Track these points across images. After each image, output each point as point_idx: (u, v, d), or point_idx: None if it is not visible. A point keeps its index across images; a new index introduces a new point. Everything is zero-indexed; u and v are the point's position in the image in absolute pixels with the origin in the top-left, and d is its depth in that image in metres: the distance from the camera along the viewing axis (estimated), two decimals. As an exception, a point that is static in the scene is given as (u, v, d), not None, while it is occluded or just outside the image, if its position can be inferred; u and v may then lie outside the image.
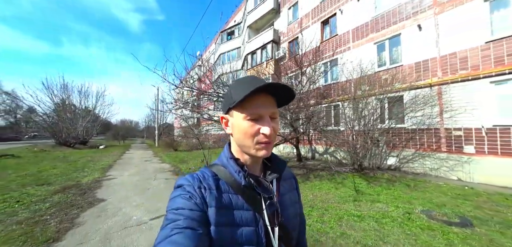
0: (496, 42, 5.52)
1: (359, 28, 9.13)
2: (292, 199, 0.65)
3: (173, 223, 0.44)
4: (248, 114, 0.51)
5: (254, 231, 0.51)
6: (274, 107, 0.54)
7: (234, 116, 0.55)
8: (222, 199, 0.51)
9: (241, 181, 0.53)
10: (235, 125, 0.55)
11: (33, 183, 5.30)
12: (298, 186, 0.73)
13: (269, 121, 0.52)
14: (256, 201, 0.53)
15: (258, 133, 0.52)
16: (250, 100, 0.51)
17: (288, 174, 0.70)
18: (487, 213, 3.56)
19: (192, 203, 0.47)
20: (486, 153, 5.62)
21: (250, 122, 0.52)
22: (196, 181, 0.52)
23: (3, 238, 2.50)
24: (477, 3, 5.85)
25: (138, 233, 2.72)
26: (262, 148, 0.53)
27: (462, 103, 6.06)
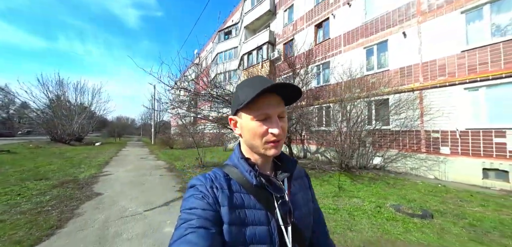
0: (470, 52, 5.96)
1: (350, 32, 9.50)
2: (305, 198, 0.65)
3: (187, 223, 0.45)
4: (256, 115, 0.52)
5: (267, 230, 0.51)
6: (281, 106, 0.55)
7: (242, 118, 0.56)
8: (234, 199, 0.52)
9: (253, 181, 0.54)
10: (244, 126, 0.56)
11: (32, 178, 5.52)
12: (311, 184, 0.72)
13: (278, 121, 0.53)
14: (268, 201, 0.54)
15: (267, 132, 0.53)
16: (258, 101, 0.51)
17: (300, 172, 0.70)
18: (450, 207, 3.96)
19: (204, 203, 0.48)
20: (459, 154, 6.07)
21: (258, 123, 0.53)
22: (208, 181, 0.53)
23: (10, 225, 2.77)
24: (455, 14, 6.27)
25: (133, 222, 3.02)
26: (271, 147, 0.53)
27: (440, 108, 6.50)
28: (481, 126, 5.73)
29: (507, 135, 5.31)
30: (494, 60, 5.55)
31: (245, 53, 16.45)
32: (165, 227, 2.89)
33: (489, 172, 5.58)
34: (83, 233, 2.67)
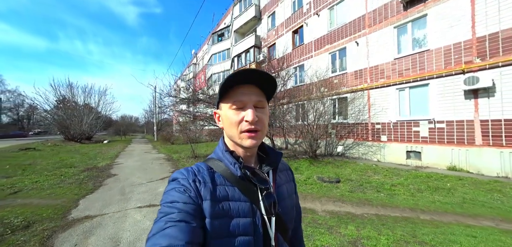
0: (399, 59, 7.50)
1: (319, 39, 11.01)
2: (289, 191, 0.65)
3: (167, 216, 0.44)
4: (232, 103, 0.53)
5: (251, 222, 0.51)
6: (258, 96, 0.55)
7: (222, 108, 0.57)
8: (217, 192, 0.51)
9: (237, 172, 0.53)
10: (223, 116, 0.57)
11: (63, 167, 7.38)
12: (294, 178, 0.73)
13: (253, 108, 0.53)
14: (252, 192, 0.53)
15: (242, 120, 0.53)
16: (234, 90, 0.53)
17: (284, 166, 0.70)
18: (361, 177, 5.60)
19: (186, 196, 0.47)
20: (392, 140, 7.71)
21: (233, 111, 0.53)
22: (191, 174, 0.52)
23: (67, 188, 4.59)
24: (390, 29, 7.77)
25: (139, 187, 4.81)
26: (247, 137, 0.53)
27: (380, 104, 8.09)
28: (405, 118, 7.34)
29: (420, 124, 6.91)
30: (413, 67, 7.09)
31: (235, 56, 18.02)
32: (158, 189, 4.68)
33: (410, 153, 7.23)
34: (110, 192, 4.47)
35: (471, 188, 4.40)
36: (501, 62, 5.30)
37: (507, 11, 5.22)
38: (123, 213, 3.28)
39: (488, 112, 5.54)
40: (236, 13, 18.18)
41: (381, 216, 3.26)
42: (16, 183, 5.06)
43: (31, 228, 2.72)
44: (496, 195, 4.00)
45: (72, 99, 21.91)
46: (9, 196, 4.10)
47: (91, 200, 3.92)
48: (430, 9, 6.72)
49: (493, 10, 5.44)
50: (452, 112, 6.21)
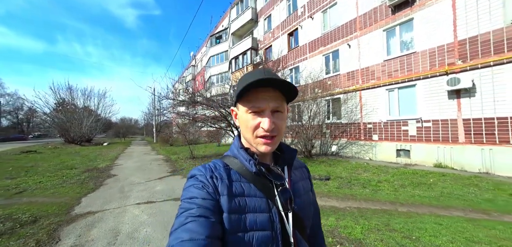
0: (389, 61, 7.79)
1: (313, 42, 11.30)
2: (305, 188, 0.65)
3: (187, 212, 0.45)
4: (249, 107, 0.53)
5: (268, 218, 0.51)
6: (277, 101, 0.53)
7: (239, 109, 0.56)
8: (234, 188, 0.52)
9: (252, 169, 0.54)
10: (240, 117, 0.57)
11: (65, 168, 7.62)
12: (310, 175, 0.73)
13: (270, 115, 0.52)
14: (268, 188, 0.54)
15: (258, 126, 0.52)
16: (252, 93, 0.52)
17: (299, 163, 0.71)
18: (351, 175, 5.87)
19: (204, 192, 0.49)
20: (383, 139, 7.98)
21: (250, 115, 0.53)
22: (208, 171, 0.54)
23: (70, 187, 4.84)
24: (380, 32, 8.06)
25: (138, 186, 5.06)
26: (262, 143, 0.53)
27: (371, 104, 8.36)
28: (395, 118, 7.61)
29: (409, 123, 7.19)
30: (402, 68, 7.38)
31: (233, 58, 18.31)
32: (156, 187, 4.93)
33: (400, 151, 7.50)
34: (111, 190, 4.72)
35: (451, 183, 4.67)
36: (480, 64, 5.59)
37: (484, 16, 5.51)
38: (123, 209, 3.54)
39: (470, 111, 5.82)
40: (233, 16, 18.49)
41: (362, 209, 3.52)
42: (20, 183, 5.30)
43: (38, 222, 2.98)
44: (472, 189, 4.27)
45: (71, 102, 22.17)
46: (15, 195, 4.35)
47: (93, 198, 4.17)
48: (416, 13, 7.01)
49: (472, 15, 5.73)
50: (437, 111, 6.49)
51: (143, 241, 2.46)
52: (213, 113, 10.02)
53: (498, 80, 5.34)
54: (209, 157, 9.99)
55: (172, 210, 3.48)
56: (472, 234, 2.45)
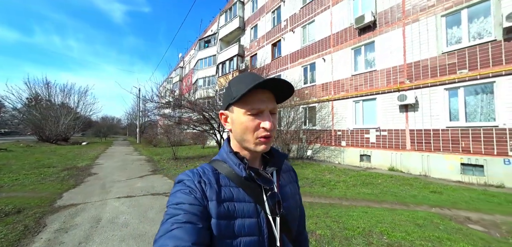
0: (355, 76, 8.85)
1: (294, 53, 12.23)
2: (292, 191, 0.66)
3: (173, 218, 0.45)
4: (248, 109, 0.53)
5: (256, 223, 0.51)
6: (273, 102, 0.55)
7: (235, 112, 0.56)
8: (223, 193, 0.52)
9: (242, 173, 0.54)
10: (235, 120, 0.56)
11: (41, 167, 7.57)
12: (297, 179, 0.74)
13: (269, 116, 0.54)
14: (257, 193, 0.54)
15: (258, 127, 0.53)
16: (251, 95, 0.52)
17: (287, 167, 0.71)
18: (317, 176, 6.65)
19: (192, 198, 0.48)
20: (350, 145, 8.97)
21: (250, 117, 0.53)
22: (196, 176, 0.54)
23: (49, 184, 5.03)
24: (348, 50, 9.13)
25: (118, 183, 5.37)
26: (261, 142, 0.54)
27: (341, 113, 9.37)
28: (359, 127, 8.64)
29: (370, 132, 8.23)
30: (365, 83, 8.46)
31: (220, 63, 18.82)
32: (137, 184, 5.30)
33: (363, 156, 8.51)
34: (92, 187, 5.01)
35: (392, 183, 5.61)
36: (421, 84, 6.74)
37: (424, 45, 6.69)
38: (104, 201, 3.92)
39: (414, 123, 6.93)
40: (222, 23, 19.08)
41: (314, 203, 4.24)
42: (-4, 180, 5.35)
43: (23, 213, 3.28)
44: (406, 187, 5.21)
45: (46, 99, 21.08)
46: (-8, 191, 4.48)
47: (74, 193, 4.46)
48: (376, 37, 8.14)
49: (416, 43, 6.90)
50: (391, 122, 7.58)
51: (122, 225, 2.92)
52: (197, 117, 10.43)
53: (433, 98, 6.50)
54: (192, 158, 10.34)
55: (150, 203, 3.93)
56: (383, 218, 3.24)
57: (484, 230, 3.05)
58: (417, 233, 2.76)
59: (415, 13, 7.01)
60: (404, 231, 2.81)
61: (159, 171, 7.30)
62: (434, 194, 4.77)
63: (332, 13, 9.93)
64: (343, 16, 9.42)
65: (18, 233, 2.63)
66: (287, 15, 12.75)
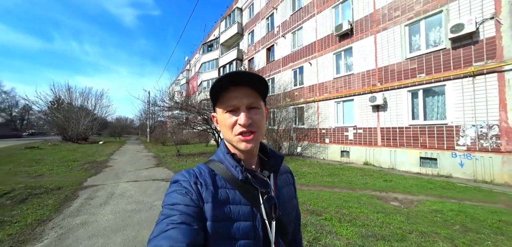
0: (336, 79, 9.67)
1: (285, 57, 13.17)
2: (289, 194, 0.65)
3: (169, 219, 0.44)
4: (225, 107, 0.53)
5: (251, 226, 0.51)
6: (250, 98, 0.54)
7: (218, 112, 0.57)
8: (219, 195, 0.51)
9: (238, 176, 0.53)
10: (219, 120, 0.57)
11: (68, 161, 9.19)
12: (295, 181, 0.74)
13: (245, 111, 0.53)
14: (253, 196, 0.54)
15: (235, 123, 0.53)
16: (226, 93, 0.53)
17: (285, 169, 0.71)
18: (296, 169, 7.63)
19: (188, 199, 0.48)
20: (332, 142, 9.82)
21: (228, 114, 0.53)
22: (192, 177, 0.53)
23: (75, 173, 6.48)
24: (330, 55, 9.96)
25: (128, 172, 6.72)
26: (242, 140, 0.53)
27: (325, 113, 10.22)
28: (340, 125, 9.48)
29: (349, 130, 9.05)
30: (345, 86, 9.27)
31: (221, 66, 20.09)
32: (142, 173, 6.61)
33: (343, 152, 9.34)
34: (108, 175, 6.39)
35: (356, 174, 6.49)
36: (389, 86, 7.50)
37: (391, 51, 7.44)
38: (116, 184, 5.23)
39: (384, 122, 7.70)
40: (223, 28, 20.32)
41: (279, 187, 5.28)
42: (37, 170, 6.90)
43: (62, 189, 4.64)
44: (366, 177, 6.08)
45: (68, 102, 23.49)
46: (37, 177, 5.97)
47: (95, 179, 5.84)
48: (354, 43, 8.92)
49: (385, 50, 7.65)
50: (366, 121, 8.37)
51: (128, 196, 4.17)
52: (200, 117, 11.71)
53: (399, 100, 7.25)
54: (193, 155, 11.65)
55: (150, 185, 5.19)
56: (323, 196, 4.23)
57: (397, 204, 3.95)
58: (341, 204, 3.74)
59: (384, 22, 7.75)
60: (331, 204, 3.80)
61: (162, 164, 8.64)
62: (385, 182, 5.62)
63: (317, 21, 10.77)
64: (326, 24, 10.24)
65: (62, 199, 3.96)
66: (279, 22, 13.68)
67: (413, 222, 3.03)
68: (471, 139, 5.62)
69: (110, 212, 3.41)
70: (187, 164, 8.80)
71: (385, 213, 3.38)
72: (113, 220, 3.10)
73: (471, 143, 5.62)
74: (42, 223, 2.94)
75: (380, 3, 7.91)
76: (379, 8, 7.97)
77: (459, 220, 3.10)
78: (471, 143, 5.61)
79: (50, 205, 3.61)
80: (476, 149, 5.53)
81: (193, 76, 32.39)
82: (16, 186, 4.76)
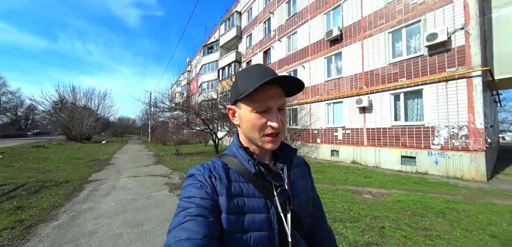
0: (328, 82, 10.14)
1: (281, 60, 13.66)
2: (304, 186, 0.65)
3: (185, 211, 0.46)
4: (256, 106, 0.52)
5: (266, 218, 0.51)
6: (282, 99, 0.53)
7: (242, 109, 0.55)
8: (232, 188, 0.52)
9: (251, 169, 0.54)
10: (243, 117, 0.55)
11: (73, 159, 9.77)
12: (311, 172, 0.73)
13: (277, 113, 0.52)
14: (267, 189, 0.54)
15: (266, 125, 0.52)
16: (259, 92, 0.50)
17: (300, 161, 0.71)
18: None
19: (203, 192, 0.49)
20: (324, 142, 10.28)
21: (257, 115, 0.52)
22: (207, 170, 0.54)
23: (81, 169, 7.03)
24: (322, 59, 10.43)
25: (129, 168, 7.26)
26: (269, 141, 0.53)
27: (317, 115, 10.68)
28: (331, 126, 9.93)
29: (338, 130, 9.50)
30: (335, 88, 9.73)
31: (220, 68, 20.64)
32: (141, 170, 7.14)
33: (333, 151, 9.79)
34: (110, 171, 6.93)
35: (340, 171, 6.94)
36: (374, 90, 7.95)
37: (376, 57, 7.91)
38: (118, 178, 5.75)
39: (369, 123, 8.15)
40: (222, 31, 20.88)
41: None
42: (45, 167, 7.46)
43: (70, 182, 5.17)
44: (348, 175, 6.53)
45: (71, 103, 24.20)
46: (46, 173, 6.52)
47: (99, 174, 6.38)
48: (343, 48, 9.39)
49: (371, 55, 8.12)
50: (353, 122, 8.82)
51: (128, 188, 4.69)
52: (195, 118, 12.25)
53: (383, 102, 7.70)
54: (192, 154, 12.16)
55: (148, 179, 5.71)
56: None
57: (368, 197, 4.42)
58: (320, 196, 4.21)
59: (371, 29, 8.21)
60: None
61: (161, 162, 9.17)
62: (365, 178, 6.07)
63: (310, 26, 11.25)
64: (318, 29, 10.72)
65: (71, 190, 4.49)
66: (275, 26, 14.19)
67: (373, 209, 3.50)
68: (444, 139, 6.06)
69: (112, 200, 3.93)
70: (184, 162, 9.31)
71: (352, 202, 3.85)
72: (114, 206, 3.62)
73: (444, 142, 6.06)
74: (55, 208, 3.46)
75: (367, 11, 8.37)
76: (366, 16, 8.44)
77: (413, 208, 3.57)
78: (444, 142, 6.05)
79: (61, 195, 4.14)
80: (448, 148, 5.97)
81: (194, 78, 33.00)
82: (29, 180, 5.31)
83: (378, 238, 2.51)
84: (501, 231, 2.69)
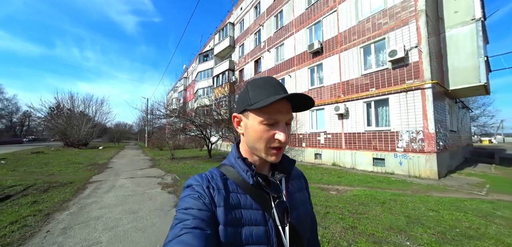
0: (312, 90, 11.02)
1: (270, 69, 14.57)
2: (302, 199, 0.65)
3: (182, 223, 0.45)
4: (265, 118, 0.52)
5: (264, 231, 0.51)
6: (290, 113, 0.54)
7: (249, 118, 0.55)
8: (230, 199, 0.52)
9: (249, 180, 0.54)
10: (249, 127, 0.55)
11: (73, 163, 10.36)
12: (308, 186, 0.73)
13: (285, 127, 0.53)
14: (265, 200, 0.53)
15: (273, 138, 0.52)
16: (271, 105, 0.50)
17: (298, 173, 0.70)
18: None
19: (200, 203, 0.48)
20: (308, 146, 11.07)
21: (266, 127, 0.52)
22: (205, 181, 0.53)
23: (81, 173, 7.67)
24: (306, 69, 11.34)
25: (126, 172, 7.91)
26: (274, 154, 0.53)
27: (302, 120, 11.52)
28: (314, 131, 10.76)
29: (321, 135, 10.33)
30: (318, 96, 10.61)
31: (215, 75, 21.50)
32: (138, 172, 7.81)
33: (316, 155, 10.59)
34: (109, 173, 7.58)
35: (317, 172, 7.71)
36: (350, 98, 8.83)
37: (351, 68, 8.83)
38: (116, 179, 6.43)
39: (346, 128, 8.99)
40: (217, 41, 21.86)
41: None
42: (48, 171, 8.08)
43: (73, 183, 5.83)
44: (324, 175, 7.30)
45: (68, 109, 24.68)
46: (50, 175, 7.15)
47: (99, 176, 7.03)
48: (324, 59, 10.32)
49: (347, 67, 9.04)
50: (333, 128, 9.65)
51: (126, 187, 5.38)
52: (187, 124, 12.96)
53: (357, 109, 8.56)
54: (186, 159, 12.82)
55: (143, 180, 6.39)
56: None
57: (333, 193, 5.17)
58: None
59: (346, 44, 9.16)
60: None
61: (156, 166, 9.84)
62: (338, 178, 6.84)
63: (295, 39, 12.21)
64: (303, 42, 11.67)
65: (76, 189, 5.17)
66: (265, 37, 15.17)
67: (329, 201, 4.26)
68: (406, 142, 6.91)
69: (112, 196, 4.62)
70: (178, 165, 9.98)
71: (314, 196, 4.60)
72: (114, 200, 4.31)
73: (406, 145, 6.90)
74: (65, 202, 4.14)
75: (342, 28, 9.34)
76: (342, 31, 9.40)
77: (363, 200, 4.34)
78: (406, 145, 6.89)
79: (68, 192, 4.82)
80: (409, 150, 6.81)
81: (190, 84, 33.81)
82: (36, 181, 5.96)
83: (320, 220, 3.26)
84: (415, 213, 3.47)
